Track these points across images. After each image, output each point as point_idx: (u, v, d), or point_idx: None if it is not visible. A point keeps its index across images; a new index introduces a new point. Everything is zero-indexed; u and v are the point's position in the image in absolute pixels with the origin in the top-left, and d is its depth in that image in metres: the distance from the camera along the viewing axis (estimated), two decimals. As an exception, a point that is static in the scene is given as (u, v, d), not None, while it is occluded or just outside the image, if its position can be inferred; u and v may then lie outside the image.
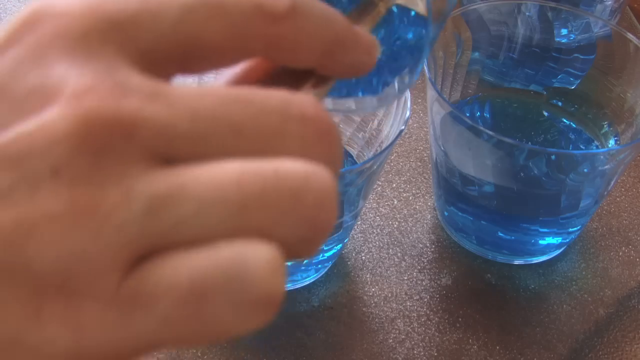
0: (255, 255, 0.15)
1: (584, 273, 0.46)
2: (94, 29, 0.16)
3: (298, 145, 0.17)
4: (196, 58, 0.17)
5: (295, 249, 0.16)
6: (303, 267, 0.42)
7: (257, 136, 0.16)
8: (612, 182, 0.42)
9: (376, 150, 0.42)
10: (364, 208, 0.47)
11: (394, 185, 0.50)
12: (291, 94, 0.17)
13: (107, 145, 0.15)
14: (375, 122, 0.43)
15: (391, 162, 0.51)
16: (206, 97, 0.16)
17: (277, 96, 0.17)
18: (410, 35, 0.24)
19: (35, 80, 0.16)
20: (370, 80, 0.24)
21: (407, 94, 0.39)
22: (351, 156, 0.45)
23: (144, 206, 0.15)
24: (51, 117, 0.15)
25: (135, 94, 0.16)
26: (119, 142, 0.15)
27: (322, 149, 0.17)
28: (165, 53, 0.17)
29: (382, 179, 0.49)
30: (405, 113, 0.38)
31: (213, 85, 0.17)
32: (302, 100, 0.17)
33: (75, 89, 0.15)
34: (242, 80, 0.19)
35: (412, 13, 0.23)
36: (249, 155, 0.16)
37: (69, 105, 0.15)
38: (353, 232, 0.46)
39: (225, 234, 0.16)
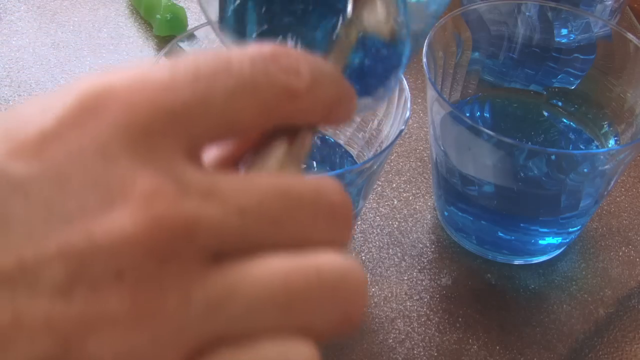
0: (297, 356, 0.17)
1: (584, 273, 0.46)
2: (154, 122, 0.17)
3: (327, 233, 0.18)
4: (229, 135, 0.19)
5: (324, 336, 0.17)
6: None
7: (294, 229, 0.18)
8: (612, 182, 0.42)
9: (376, 150, 0.42)
10: (364, 208, 0.47)
11: (394, 185, 0.50)
12: (320, 183, 0.18)
13: (171, 251, 0.16)
14: (375, 122, 0.43)
15: (391, 162, 0.51)
16: (251, 191, 0.17)
17: (309, 188, 0.18)
18: (385, 53, 0.26)
19: (100, 173, 0.16)
20: (364, 87, 0.26)
21: (407, 94, 0.39)
22: (351, 156, 0.45)
23: (200, 309, 0.16)
24: (119, 220, 0.15)
25: (193, 193, 0.16)
26: (181, 246, 0.16)
27: (344, 234, 0.19)
28: (209, 138, 0.18)
29: (382, 179, 0.49)
30: (405, 113, 0.38)
31: (253, 176, 0.18)
32: (330, 189, 0.19)
33: (142, 191, 0.16)
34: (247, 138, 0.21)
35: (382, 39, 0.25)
36: (287, 246, 0.18)
37: (136, 209, 0.15)
38: (353, 232, 0.46)
39: (271, 329, 0.17)
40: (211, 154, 0.20)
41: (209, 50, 0.18)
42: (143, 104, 0.17)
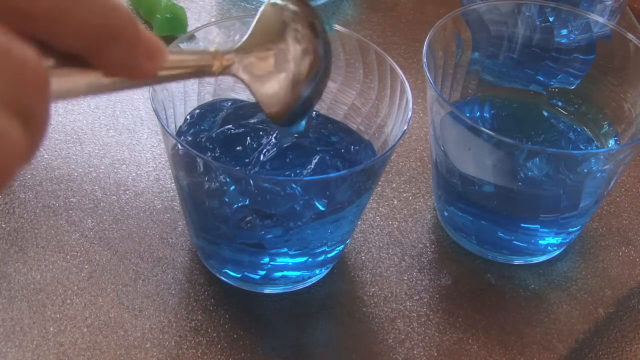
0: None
1: (584, 273, 0.46)
2: None
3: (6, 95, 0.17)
4: None
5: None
6: (306, 269, 0.42)
7: None
8: (612, 182, 0.42)
9: (378, 151, 0.42)
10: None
11: (394, 185, 0.50)
12: (8, 42, 0.17)
13: None
14: (377, 122, 0.43)
15: (391, 162, 0.51)
16: None
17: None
18: None
19: None
20: None
21: (409, 95, 0.39)
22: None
23: None
24: None
25: None
26: None
27: (32, 99, 0.17)
28: None
29: (382, 179, 0.49)
30: (407, 114, 0.38)
31: None
32: (17, 50, 0.17)
33: None
34: None
35: None
36: None
37: None
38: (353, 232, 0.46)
39: None
40: None
41: None
42: None
